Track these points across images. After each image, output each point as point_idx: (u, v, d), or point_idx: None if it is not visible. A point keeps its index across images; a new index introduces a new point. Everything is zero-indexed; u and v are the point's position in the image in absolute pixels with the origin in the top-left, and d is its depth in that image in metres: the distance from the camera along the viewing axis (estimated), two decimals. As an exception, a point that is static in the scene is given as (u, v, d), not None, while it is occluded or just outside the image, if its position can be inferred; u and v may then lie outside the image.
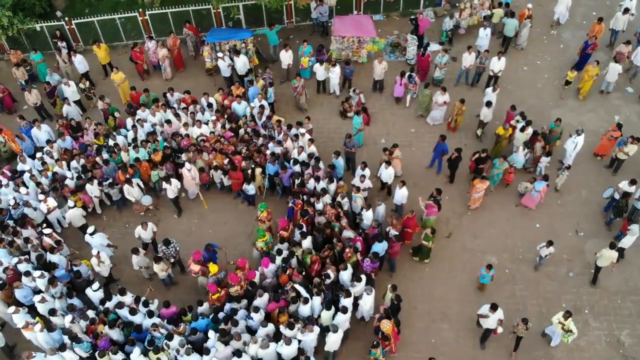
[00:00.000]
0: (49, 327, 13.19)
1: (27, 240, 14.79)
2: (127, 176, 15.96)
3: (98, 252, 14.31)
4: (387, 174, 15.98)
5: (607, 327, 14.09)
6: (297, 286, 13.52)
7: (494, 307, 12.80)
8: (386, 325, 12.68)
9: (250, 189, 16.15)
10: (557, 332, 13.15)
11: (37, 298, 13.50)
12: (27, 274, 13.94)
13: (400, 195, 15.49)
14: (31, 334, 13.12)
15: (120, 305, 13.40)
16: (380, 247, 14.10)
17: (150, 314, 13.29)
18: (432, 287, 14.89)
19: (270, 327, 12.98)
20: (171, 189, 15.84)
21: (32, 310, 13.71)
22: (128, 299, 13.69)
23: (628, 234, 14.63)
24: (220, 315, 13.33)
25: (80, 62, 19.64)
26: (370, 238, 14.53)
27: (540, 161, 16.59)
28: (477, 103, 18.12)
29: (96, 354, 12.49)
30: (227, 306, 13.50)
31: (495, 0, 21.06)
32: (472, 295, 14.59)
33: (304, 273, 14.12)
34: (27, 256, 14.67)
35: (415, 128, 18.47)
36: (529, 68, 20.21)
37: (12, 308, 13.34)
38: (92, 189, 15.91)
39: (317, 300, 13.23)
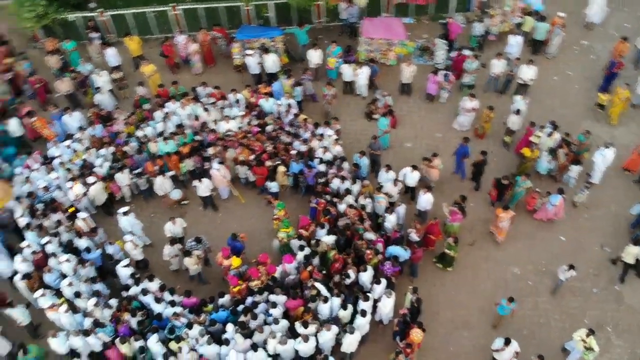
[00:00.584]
0: (73, 309, 13.43)
1: (59, 222, 15.06)
2: (157, 168, 16.13)
3: (132, 236, 14.71)
4: (412, 177, 15.94)
5: (630, 345, 13.88)
6: (317, 284, 13.55)
7: (507, 342, 12.55)
8: (417, 336, 12.63)
9: (273, 186, 16.21)
10: (577, 349, 12.95)
11: (65, 282, 13.74)
12: (54, 255, 14.22)
13: (425, 200, 15.43)
14: (55, 314, 13.42)
15: (145, 292, 13.58)
16: (400, 253, 14.08)
17: (172, 304, 13.51)
18: (454, 294, 14.81)
19: (284, 322, 13.05)
20: (202, 187, 15.93)
21: (58, 292, 13.99)
22: (154, 285, 13.85)
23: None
24: (240, 307, 13.46)
25: (112, 56, 19.91)
26: (392, 241, 14.52)
27: (569, 169, 16.33)
28: (505, 110, 17.94)
29: (117, 340, 12.77)
30: (249, 299, 13.61)
31: (526, 8, 20.86)
32: (493, 304, 14.41)
33: (324, 272, 14.13)
34: (56, 237, 14.89)
35: (442, 133, 18.37)
36: (559, 78, 19.99)
37: (40, 291, 13.59)
38: (122, 178, 16.14)
39: (336, 301, 13.25)
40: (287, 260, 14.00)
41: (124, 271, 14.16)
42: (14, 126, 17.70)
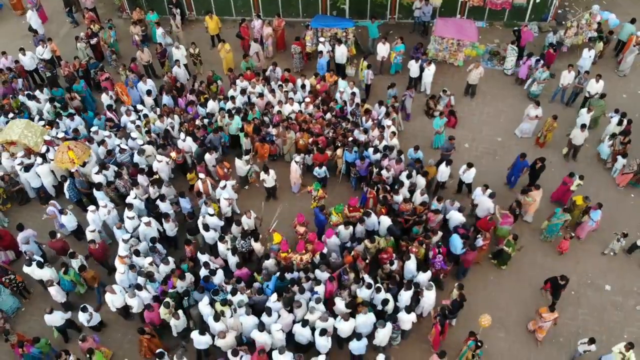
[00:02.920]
0: (130, 267, 14.28)
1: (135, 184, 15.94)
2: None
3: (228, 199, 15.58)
4: (468, 175, 16.20)
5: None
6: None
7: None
8: (486, 320, 13.13)
9: (321, 172, 16.53)
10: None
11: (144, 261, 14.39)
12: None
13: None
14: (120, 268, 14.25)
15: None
16: (457, 244, 14.36)
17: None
18: (495, 295, 14.97)
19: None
20: (269, 178, 16.36)
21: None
22: (223, 247, 14.62)
23: None
24: (289, 276, 13.96)
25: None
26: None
27: (616, 160, 16.60)
28: (569, 122, 17.98)
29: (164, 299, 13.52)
30: (295, 273, 14.13)
31: (602, 25, 20.65)
32: (533, 313, 14.53)
33: (367, 261, 14.43)
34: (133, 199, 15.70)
35: (502, 137, 18.50)
36: (628, 96, 19.72)
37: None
38: (210, 160, 16.72)
39: (380, 295, 13.52)
40: (328, 235, 14.52)
41: (212, 220, 15.01)
42: (104, 97, 18.82)
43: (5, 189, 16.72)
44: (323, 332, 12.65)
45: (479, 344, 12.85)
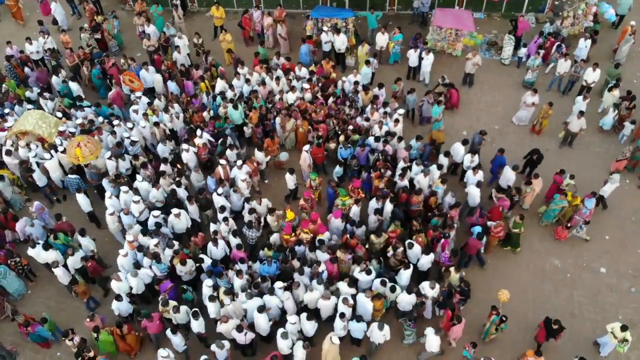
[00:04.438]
0: (139, 247, 14.54)
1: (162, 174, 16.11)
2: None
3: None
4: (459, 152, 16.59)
5: (662, 346, 14.09)
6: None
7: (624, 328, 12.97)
8: (505, 295, 13.47)
9: (339, 171, 16.68)
10: (609, 343, 13.29)
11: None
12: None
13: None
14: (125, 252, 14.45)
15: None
16: (478, 230, 14.56)
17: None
18: (491, 280, 15.13)
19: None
20: (292, 178, 16.31)
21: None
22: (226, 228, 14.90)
23: (609, 181, 15.68)
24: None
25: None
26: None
27: (624, 126, 17.19)
28: (566, 111, 18.30)
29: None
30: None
31: (599, 15, 20.94)
32: (531, 295, 14.87)
33: (367, 246, 14.66)
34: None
35: (499, 126, 18.78)
36: (623, 85, 19.95)
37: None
38: (231, 155, 16.74)
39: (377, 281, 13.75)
40: (336, 215, 14.85)
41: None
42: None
43: (21, 174, 16.95)
44: (342, 315, 12.85)
45: (503, 317, 13.15)
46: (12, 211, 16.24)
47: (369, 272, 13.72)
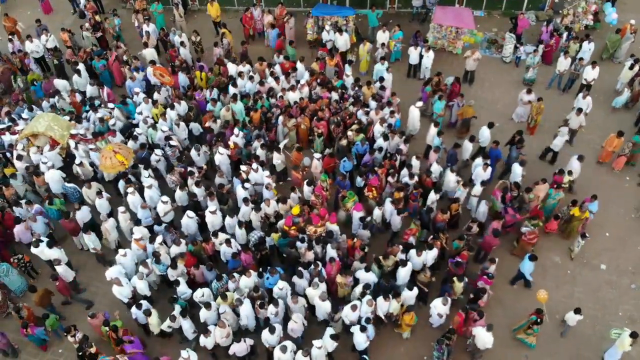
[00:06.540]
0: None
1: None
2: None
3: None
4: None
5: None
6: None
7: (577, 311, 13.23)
8: (543, 295, 13.64)
9: (347, 165, 16.53)
10: (618, 352, 13.09)
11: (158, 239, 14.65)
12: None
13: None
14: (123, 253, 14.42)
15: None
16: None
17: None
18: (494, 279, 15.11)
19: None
20: (308, 190, 15.90)
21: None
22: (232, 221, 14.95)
23: (558, 134, 16.28)
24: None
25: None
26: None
27: (638, 100, 18.18)
28: (565, 109, 18.32)
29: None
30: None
31: (600, 14, 21.03)
32: (532, 291, 14.83)
33: (366, 250, 14.65)
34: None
35: (500, 123, 18.76)
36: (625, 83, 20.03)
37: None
38: (262, 154, 16.75)
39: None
40: (357, 208, 14.95)
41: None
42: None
43: (27, 180, 16.77)
44: (363, 329, 12.65)
45: (539, 320, 13.23)
46: (10, 211, 15.96)
47: (367, 270, 13.86)
